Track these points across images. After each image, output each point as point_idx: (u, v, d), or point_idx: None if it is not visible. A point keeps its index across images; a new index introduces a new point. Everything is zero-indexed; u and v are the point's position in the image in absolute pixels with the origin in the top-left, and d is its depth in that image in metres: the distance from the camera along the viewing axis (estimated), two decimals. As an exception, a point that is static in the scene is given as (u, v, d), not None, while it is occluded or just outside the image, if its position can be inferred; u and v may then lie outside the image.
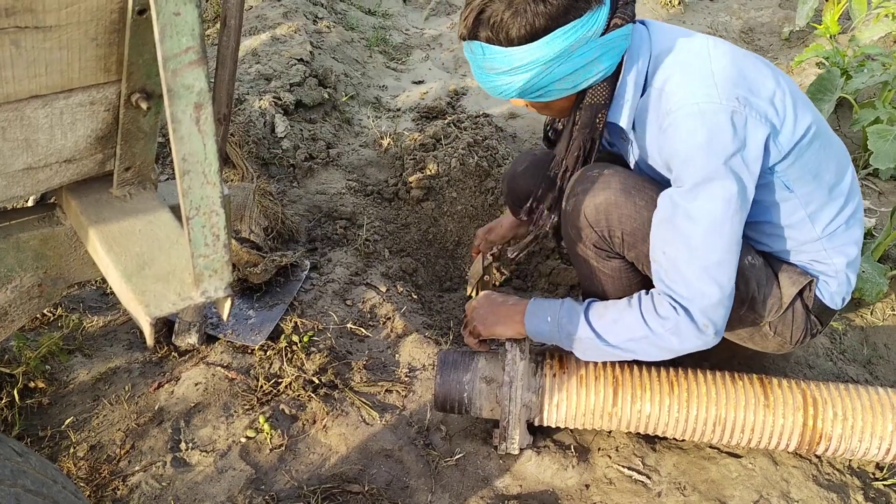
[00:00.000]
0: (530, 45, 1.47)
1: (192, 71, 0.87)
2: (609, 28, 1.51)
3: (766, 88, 1.52)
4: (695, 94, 1.47)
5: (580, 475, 1.80)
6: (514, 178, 2.09)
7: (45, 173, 1.07)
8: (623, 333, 1.60)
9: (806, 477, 1.80)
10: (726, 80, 1.48)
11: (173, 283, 1.04)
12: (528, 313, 1.73)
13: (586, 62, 1.51)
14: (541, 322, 1.70)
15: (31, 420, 1.88)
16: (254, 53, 3.39)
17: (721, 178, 1.46)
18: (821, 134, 1.62)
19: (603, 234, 1.70)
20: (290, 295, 2.26)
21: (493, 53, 1.51)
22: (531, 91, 1.55)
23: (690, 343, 1.56)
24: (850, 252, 1.75)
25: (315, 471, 1.79)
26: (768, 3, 4.58)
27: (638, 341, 1.59)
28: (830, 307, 1.78)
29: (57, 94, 0.97)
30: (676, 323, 1.53)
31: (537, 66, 1.49)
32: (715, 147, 1.45)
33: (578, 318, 1.65)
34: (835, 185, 1.67)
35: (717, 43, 1.56)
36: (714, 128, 1.44)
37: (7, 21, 0.83)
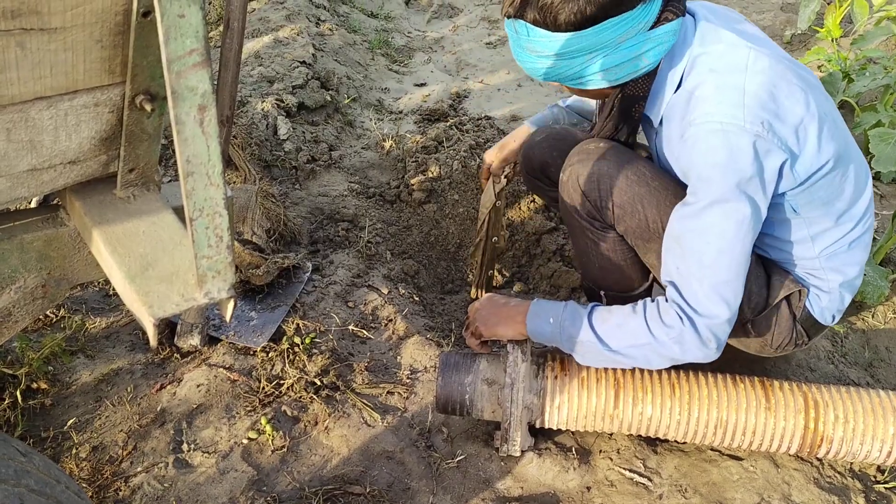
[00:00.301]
0: (578, 32, 1.44)
1: (196, 73, 0.88)
2: (659, 21, 1.47)
3: (795, 115, 1.48)
4: (722, 111, 1.44)
5: (581, 477, 1.80)
6: (530, 147, 2.12)
7: (49, 174, 1.07)
8: (626, 339, 1.60)
9: (807, 480, 1.80)
10: (756, 102, 1.44)
11: (177, 284, 1.04)
12: (531, 314, 1.72)
13: (632, 56, 1.48)
14: (543, 323, 1.70)
15: (34, 421, 1.88)
16: (256, 56, 3.40)
17: (735, 200, 1.45)
18: (842, 163, 1.59)
19: (595, 203, 1.73)
20: (292, 297, 2.26)
21: (539, 36, 1.47)
22: (571, 78, 1.53)
23: (692, 354, 1.57)
24: (849, 272, 1.73)
25: (317, 472, 1.79)
26: (770, 6, 4.59)
27: (640, 348, 1.59)
28: (819, 321, 1.78)
29: (62, 96, 0.97)
30: (681, 333, 1.54)
31: (581, 54, 1.47)
32: (733, 169, 1.43)
33: (581, 321, 1.64)
34: (845, 211, 1.66)
35: (758, 57, 1.50)
36: (735, 150, 1.43)
37: (12, 23, 0.84)
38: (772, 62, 1.50)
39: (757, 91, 1.45)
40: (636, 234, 1.73)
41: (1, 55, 0.86)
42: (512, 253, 2.70)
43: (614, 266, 1.82)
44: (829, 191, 1.60)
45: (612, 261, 1.82)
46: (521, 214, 2.74)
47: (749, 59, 1.49)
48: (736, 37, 1.53)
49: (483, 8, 4.71)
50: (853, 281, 1.76)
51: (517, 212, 2.75)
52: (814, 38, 4.08)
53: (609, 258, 1.81)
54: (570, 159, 1.77)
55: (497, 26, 4.49)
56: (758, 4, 4.63)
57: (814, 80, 1.60)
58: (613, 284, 1.87)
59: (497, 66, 4.03)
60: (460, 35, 4.42)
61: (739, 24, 1.63)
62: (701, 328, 1.53)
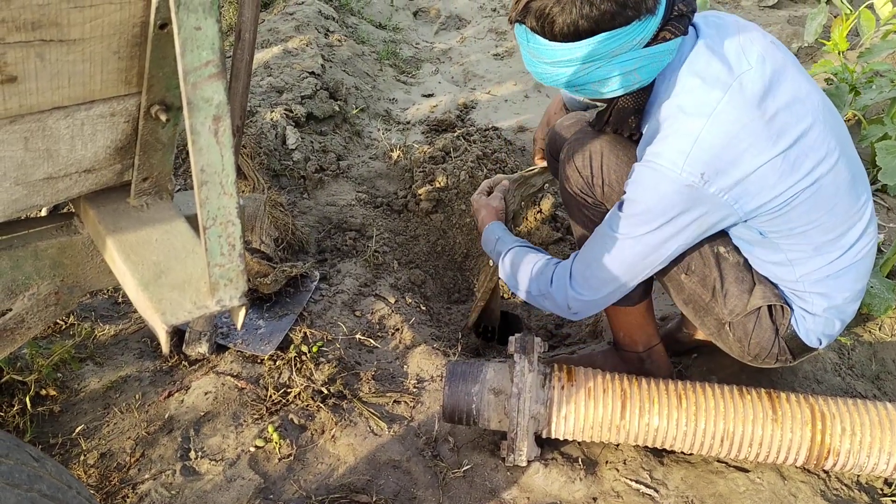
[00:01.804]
0: (571, 43, 1.47)
1: (212, 84, 0.89)
2: (656, 40, 1.48)
3: (753, 162, 1.48)
4: (666, 154, 1.50)
5: (588, 488, 1.80)
6: (556, 130, 2.15)
7: (64, 183, 1.09)
8: (522, 281, 1.85)
9: (814, 492, 1.80)
10: (702, 153, 1.46)
11: (189, 291, 1.06)
12: (484, 234, 2.06)
13: (625, 71, 1.50)
14: (488, 242, 2.03)
15: (43, 427, 1.89)
16: (266, 66, 3.43)
17: (648, 228, 1.57)
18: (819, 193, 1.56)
19: (587, 179, 1.80)
20: (299, 305, 2.27)
21: (537, 43, 1.51)
22: (568, 85, 1.57)
23: (554, 311, 1.82)
24: (836, 298, 1.72)
25: (323, 481, 1.80)
26: (777, 18, 4.60)
27: (525, 291, 1.85)
28: (805, 343, 1.78)
29: (79, 106, 0.99)
30: (548, 292, 1.78)
31: (575, 64, 1.50)
32: (654, 207, 1.54)
33: (501, 257, 1.94)
34: (827, 242, 1.64)
35: (731, 99, 1.47)
36: (662, 194, 1.52)
37: (33, 34, 0.85)
38: (743, 107, 1.47)
39: (710, 142, 1.46)
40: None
41: (21, 66, 0.88)
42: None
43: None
44: (804, 221, 1.60)
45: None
46: (528, 225, 2.75)
47: (718, 105, 1.47)
48: (724, 69, 1.50)
49: (490, 19, 4.73)
50: (843, 307, 1.74)
51: (524, 223, 2.76)
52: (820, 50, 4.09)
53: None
54: (571, 137, 1.87)
55: (505, 38, 4.52)
56: (764, 17, 4.64)
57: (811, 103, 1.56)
58: None
59: (504, 77, 4.05)
60: (468, 46, 4.44)
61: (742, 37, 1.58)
62: (562, 294, 1.74)
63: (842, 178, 1.60)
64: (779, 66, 1.56)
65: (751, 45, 1.57)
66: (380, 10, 4.76)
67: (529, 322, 2.51)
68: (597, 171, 1.77)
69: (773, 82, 1.51)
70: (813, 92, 1.60)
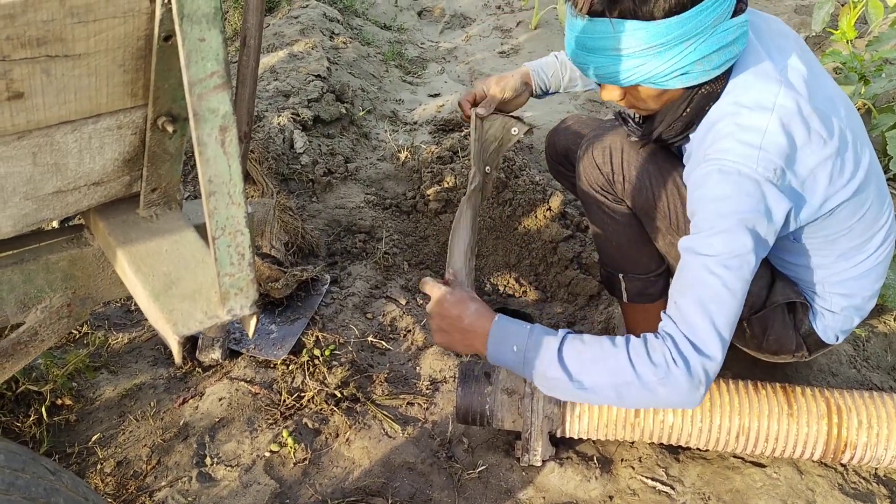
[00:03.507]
0: (678, 16, 1.33)
1: (217, 95, 0.89)
2: (737, 11, 1.41)
3: (807, 165, 1.44)
4: (737, 150, 1.40)
5: (604, 486, 1.80)
6: (555, 132, 2.10)
7: (73, 196, 1.09)
8: (602, 376, 1.42)
9: (832, 486, 1.79)
10: (772, 146, 1.40)
11: (200, 301, 1.06)
12: (492, 339, 1.51)
13: (727, 41, 1.39)
14: (506, 351, 1.50)
15: (59, 437, 1.91)
16: (272, 70, 3.43)
17: (740, 234, 1.40)
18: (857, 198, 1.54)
19: (608, 176, 1.73)
20: (311, 309, 2.28)
21: (634, 29, 1.35)
22: (664, 74, 1.41)
23: (677, 397, 1.40)
24: (857, 297, 1.71)
25: (339, 484, 1.80)
26: (784, 8, 4.57)
27: (620, 387, 1.41)
28: (822, 339, 1.77)
29: (86, 120, 0.99)
30: (668, 373, 1.38)
31: (680, 42, 1.36)
32: (739, 208, 1.40)
33: (549, 353, 1.46)
34: (853, 247, 1.63)
35: (786, 95, 1.42)
36: (743, 191, 1.39)
37: (38, 50, 0.86)
38: (799, 103, 1.43)
39: (776, 135, 1.40)
40: (643, 211, 1.74)
41: (27, 82, 0.88)
42: (528, 261, 2.71)
43: (629, 242, 1.83)
44: (836, 230, 1.58)
45: (627, 237, 1.82)
46: (537, 223, 2.75)
47: (777, 98, 1.42)
48: (771, 66, 1.46)
49: (495, 17, 4.72)
50: (862, 305, 1.73)
51: (533, 220, 2.75)
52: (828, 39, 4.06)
53: (624, 234, 1.82)
54: (588, 134, 1.80)
55: (510, 35, 4.51)
56: (771, 7, 4.61)
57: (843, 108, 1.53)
58: (630, 265, 1.87)
59: (510, 74, 4.03)
60: (473, 45, 4.44)
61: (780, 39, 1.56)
62: (695, 368, 1.37)
63: (872, 183, 1.59)
64: (811, 63, 1.54)
65: (782, 38, 1.55)
66: (384, 10, 4.76)
67: (541, 320, 2.50)
68: (617, 168, 1.72)
69: (811, 80, 1.48)
70: (839, 91, 1.59)
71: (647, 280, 1.87)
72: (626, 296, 1.92)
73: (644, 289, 1.89)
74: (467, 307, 1.55)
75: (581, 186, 1.85)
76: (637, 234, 1.81)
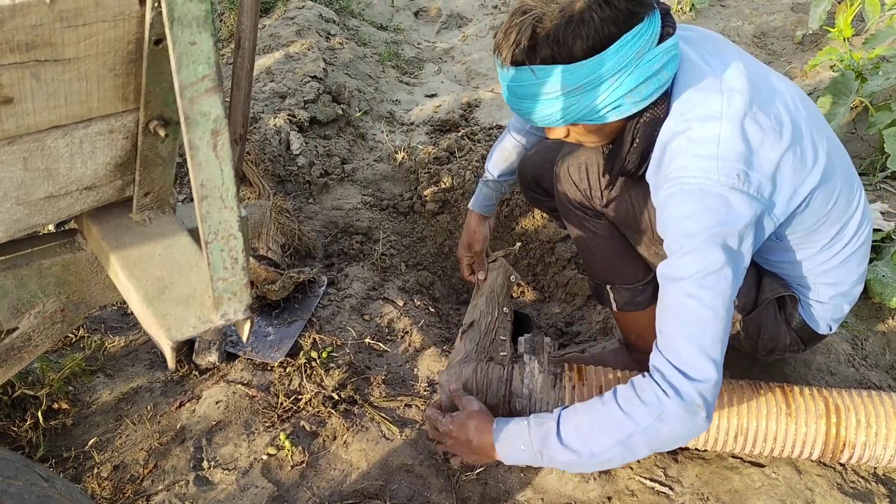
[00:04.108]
0: (599, 55, 1.34)
1: (209, 98, 0.89)
2: (663, 36, 1.41)
3: (772, 155, 1.43)
4: (696, 164, 1.40)
5: (602, 487, 1.79)
6: (523, 162, 2.09)
7: (65, 201, 1.09)
8: (606, 438, 1.44)
9: (830, 486, 1.78)
10: (730, 153, 1.39)
11: (193, 306, 1.05)
12: (499, 445, 1.57)
13: (654, 70, 1.39)
14: (516, 452, 1.55)
15: (56, 441, 1.90)
16: (268, 72, 3.43)
17: (711, 252, 1.38)
18: (825, 187, 1.53)
19: (585, 192, 1.75)
20: (308, 311, 2.27)
21: (556, 73, 1.36)
22: (598, 110, 1.42)
23: (682, 428, 1.40)
24: (844, 284, 1.71)
25: (336, 487, 1.80)
26: (780, 6, 4.57)
27: (624, 442, 1.42)
28: (815, 330, 1.77)
29: (76, 124, 0.98)
30: (662, 408, 1.38)
31: (606, 79, 1.37)
32: (707, 224, 1.38)
33: (552, 439, 1.49)
34: (834, 235, 1.63)
35: (731, 101, 1.43)
36: (708, 205, 1.39)
37: (27, 55, 0.85)
38: (746, 104, 1.43)
39: (731, 140, 1.40)
40: (624, 224, 1.75)
41: (16, 87, 0.88)
42: (527, 261, 2.70)
43: (613, 255, 1.84)
44: (814, 219, 1.58)
45: (611, 250, 1.83)
46: (534, 223, 2.74)
47: (723, 106, 1.42)
48: (711, 75, 1.46)
49: (492, 17, 4.72)
50: (849, 291, 1.73)
51: (531, 220, 2.75)
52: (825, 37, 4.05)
53: (607, 247, 1.83)
54: (562, 152, 1.82)
55: (506, 35, 4.50)
56: (768, 5, 4.61)
57: (789, 99, 1.53)
58: (617, 277, 1.87)
59: (507, 74, 4.02)
60: (470, 45, 4.43)
61: (714, 45, 1.57)
62: (687, 394, 1.37)
63: (838, 167, 1.59)
64: (750, 62, 1.55)
65: (712, 44, 1.55)
66: (380, 11, 4.76)
67: (539, 321, 2.50)
68: (594, 183, 1.73)
69: (753, 78, 1.49)
70: (780, 78, 1.59)
71: (634, 290, 1.87)
72: (616, 306, 1.92)
73: (632, 298, 1.88)
74: (468, 428, 1.63)
75: (560, 204, 1.87)
76: (620, 246, 1.81)
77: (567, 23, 1.33)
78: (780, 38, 4.29)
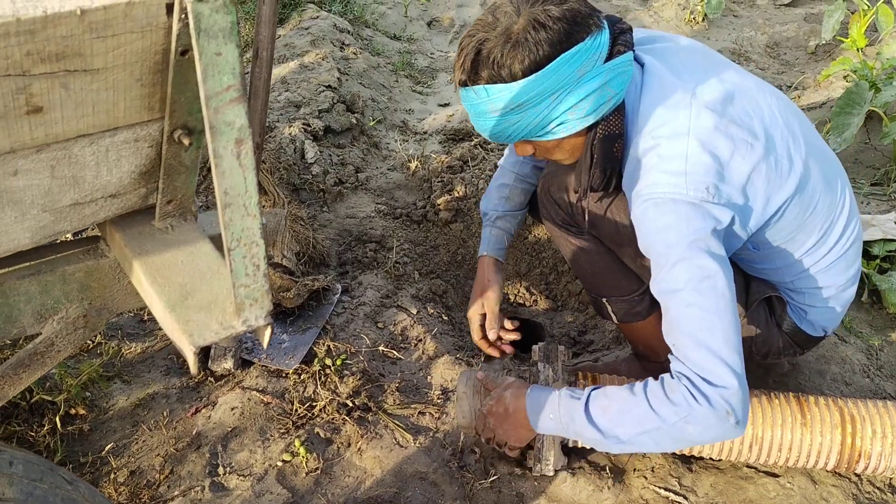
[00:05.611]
0: (536, 74, 1.40)
1: (234, 108, 0.90)
2: (612, 55, 1.46)
3: (741, 173, 1.46)
4: (665, 181, 1.43)
5: (616, 496, 1.79)
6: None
7: (90, 208, 1.10)
8: (632, 427, 1.48)
9: (846, 496, 1.78)
10: (698, 167, 1.42)
11: (215, 312, 1.07)
12: (531, 410, 1.64)
13: (596, 87, 1.44)
14: (546, 420, 1.62)
15: (73, 447, 1.92)
16: (283, 81, 3.45)
17: (697, 258, 1.41)
18: (802, 194, 1.55)
19: (567, 210, 1.77)
20: (322, 318, 2.29)
21: (498, 92, 1.43)
22: (542, 127, 1.48)
23: (712, 431, 1.43)
24: (831, 288, 1.71)
25: (350, 494, 1.80)
26: (793, 17, 4.57)
27: (650, 433, 1.46)
28: (809, 333, 1.77)
29: (103, 133, 1.00)
30: (690, 411, 1.41)
31: (546, 96, 1.43)
32: (685, 232, 1.42)
33: (580, 415, 1.54)
34: (816, 242, 1.64)
35: (699, 116, 1.46)
36: (682, 216, 1.42)
37: (57, 65, 0.87)
38: (715, 118, 1.46)
39: (699, 156, 1.43)
40: (609, 239, 1.76)
41: (46, 96, 0.89)
42: (539, 270, 2.71)
43: (604, 269, 1.85)
44: (792, 228, 1.59)
45: (600, 264, 1.84)
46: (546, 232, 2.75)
47: (691, 121, 1.45)
48: (681, 89, 1.49)
49: (504, 27, 4.74)
50: (839, 295, 1.73)
51: (542, 229, 2.75)
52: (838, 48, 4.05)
53: (596, 262, 1.84)
54: (544, 173, 1.85)
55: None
56: (781, 16, 4.61)
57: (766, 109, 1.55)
58: (612, 290, 1.88)
59: (520, 84, 4.04)
60: (482, 54, 4.45)
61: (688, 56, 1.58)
62: (715, 400, 1.39)
63: (817, 175, 1.59)
64: (720, 70, 1.57)
65: (689, 56, 1.58)
66: (394, 21, 4.79)
67: (552, 329, 2.50)
68: (576, 200, 1.74)
69: (728, 91, 1.51)
70: (761, 88, 1.60)
71: (631, 300, 1.87)
72: (616, 318, 1.93)
73: (630, 309, 1.88)
74: (504, 397, 1.71)
75: (545, 223, 1.90)
76: (609, 260, 1.82)
77: (505, 44, 1.40)
78: (793, 49, 4.29)
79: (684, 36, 1.73)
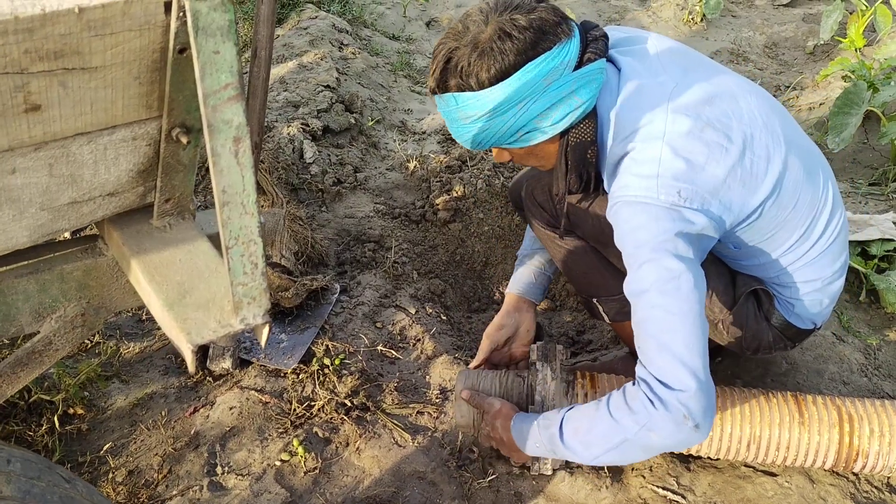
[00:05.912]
0: (504, 82, 1.42)
1: (231, 106, 0.90)
2: (582, 63, 1.46)
3: (719, 171, 1.46)
4: (637, 184, 1.44)
5: (614, 496, 1.79)
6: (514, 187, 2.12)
7: (88, 207, 1.10)
8: (601, 444, 1.51)
9: (843, 495, 1.78)
10: (670, 172, 1.43)
11: (213, 310, 1.07)
12: (519, 443, 1.69)
13: (563, 95, 1.45)
14: (533, 448, 1.66)
15: (71, 446, 1.92)
16: (282, 81, 3.46)
17: (665, 259, 1.42)
18: (780, 193, 1.55)
19: (552, 212, 1.80)
20: (320, 318, 2.29)
21: (466, 100, 1.45)
22: (511, 134, 1.50)
23: (670, 438, 1.44)
24: (817, 281, 1.71)
25: (349, 493, 1.80)
26: (791, 17, 4.58)
27: (619, 448, 1.49)
28: (798, 326, 1.77)
29: (101, 131, 1.00)
30: (650, 417, 1.42)
31: (513, 104, 1.44)
32: (654, 233, 1.43)
33: (557, 442, 1.58)
34: (798, 238, 1.64)
35: (675, 120, 1.46)
36: (652, 218, 1.43)
37: (56, 63, 0.87)
38: (689, 123, 1.46)
39: (671, 161, 1.43)
40: (594, 239, 1.78)
41: (44, 94, 0.90)
42: (538, 270, 2.71)
43: (592, 269, 1.86)
44: (771, 226, 1.59)
45: (588, 265, 1.86)
46: (546, 232, 2.75)
47: (666, 125, 1.46)
48: (658, 92, 1.50)
49: (503, 27, 4.75)
50: (826, 288, 1.73)
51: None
52: (837, 48, 4.06)
53: (584, 263, 1.86)
54: (527, 178, 1.88)
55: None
56: (779, 16, 4.62)
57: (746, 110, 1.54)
58: (601, 290, 1.88)
59: (518, 84, 4.04)
60: (481, 54, 4.45)
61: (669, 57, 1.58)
62: (672, 405, 1.40)
63: (797, 172, 1.59)
64: (700, 71, 1.57)
65: (669, 57, 1.58)
66: (393, 21, 4.79)
67: (550, 329, 2.50)
68: (559, 202, 1.73)
69: (707, 94, 1.51)
70: (741, 87, 1.59)
71: (621, 299, 1.85)
72: (607, 317, 1.93)
73: (622, 308, 1.88)
74: (497, 428, 1.76)
75: (534, 227, 1.92)
76: (596, 260, 1.83)
77: (472, 53, 1.42)
78: (791, 49, 4.30)
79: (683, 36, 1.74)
